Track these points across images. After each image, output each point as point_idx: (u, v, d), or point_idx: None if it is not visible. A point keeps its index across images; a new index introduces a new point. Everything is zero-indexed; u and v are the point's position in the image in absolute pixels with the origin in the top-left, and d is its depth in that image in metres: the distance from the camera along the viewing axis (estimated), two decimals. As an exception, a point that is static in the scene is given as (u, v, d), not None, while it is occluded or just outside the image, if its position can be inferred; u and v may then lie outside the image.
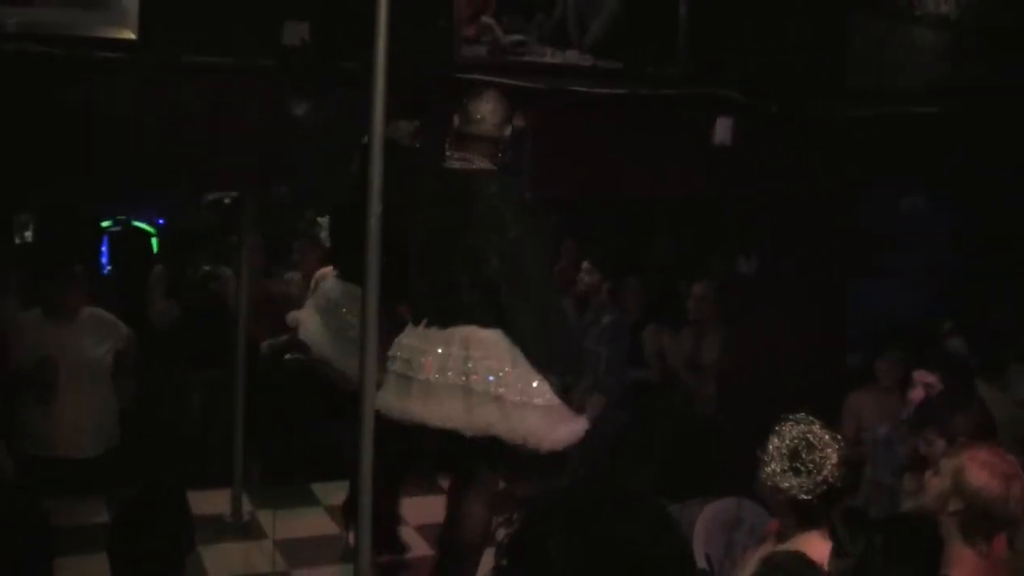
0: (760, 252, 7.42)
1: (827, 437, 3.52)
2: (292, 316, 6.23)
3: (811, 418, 3.61)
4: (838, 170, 7.56)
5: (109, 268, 8.80)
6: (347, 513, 5.70)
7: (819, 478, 3.46)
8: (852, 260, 7.77)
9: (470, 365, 4.79)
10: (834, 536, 3.43)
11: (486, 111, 5.06)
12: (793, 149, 7.48)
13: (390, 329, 4.94)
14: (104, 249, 8.81)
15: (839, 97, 7.80)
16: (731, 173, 7.48)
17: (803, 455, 3.47)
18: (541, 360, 4.88)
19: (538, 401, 4.84)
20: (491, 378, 4.77)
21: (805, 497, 3.46)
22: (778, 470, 3.49)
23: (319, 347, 5.86)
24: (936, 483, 3.63)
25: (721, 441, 7.18)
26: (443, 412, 4.76)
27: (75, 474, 6.17)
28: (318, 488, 6.94)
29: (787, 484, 3.48)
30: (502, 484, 5.62)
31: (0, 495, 5.72)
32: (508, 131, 5.12)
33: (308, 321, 5.94)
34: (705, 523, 5.98)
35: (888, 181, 8.21)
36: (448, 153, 5.07)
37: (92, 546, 4.20)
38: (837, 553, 3.38)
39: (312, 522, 6.55)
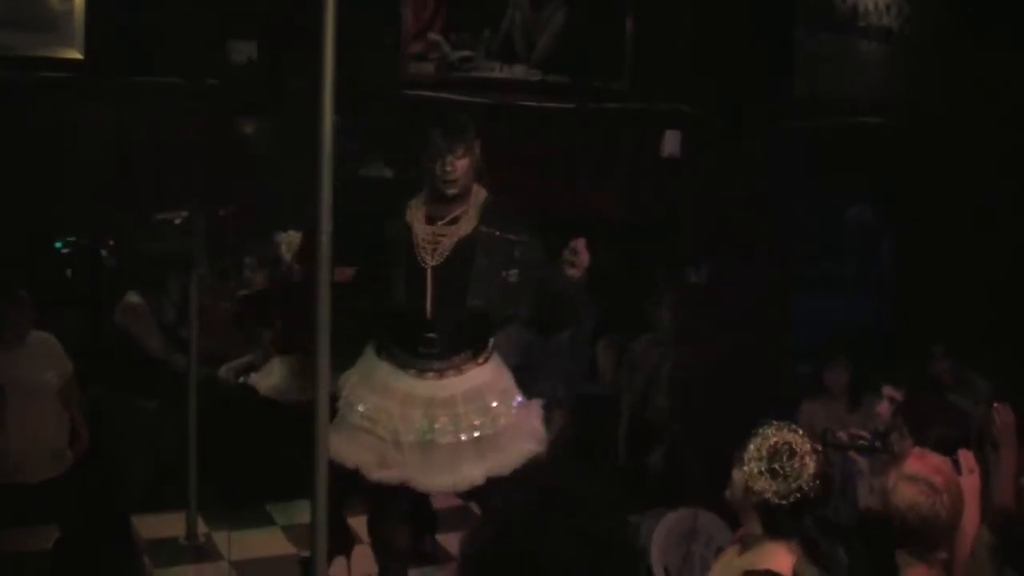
0: (710, 263, 7.46)
1: (808, 446, 3.52)
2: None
3: (793, 425, 3.61)
4: (784, 181, 7.61)
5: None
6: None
7: (794, 485, 3.45)
8: (799, 269, 7.84)
9: (461, 422, 4.82)
10: (807, 545, 3.44)
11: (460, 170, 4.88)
12: (740, 160, 7.54)
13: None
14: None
15: (785, 109, 7.86)
16: (679, 185, 7.52)
17: (783, 459, 3.47)
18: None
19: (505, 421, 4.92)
20: (476, 433, 4.82)
21: (778, 502, 3.46)
22: (755, 471, 3.49)
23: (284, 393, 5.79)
24: (870, 504, 3.67)
25: (677, 451, 7.21)
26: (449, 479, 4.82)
27: (24, 499, 6.09)
28: (273, 508, 6.91)
29: (761, 486, 3.47)
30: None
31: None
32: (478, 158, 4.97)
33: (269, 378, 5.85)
34: (662, 534, 5.99)
35: (834, 191, 8.28)
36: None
37: (41, 572, 4.17)
38: (817, 562, 3.40)
39: (268, 542, 6.52)
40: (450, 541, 6.17)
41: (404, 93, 7.03)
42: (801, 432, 3.59)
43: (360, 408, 4.85)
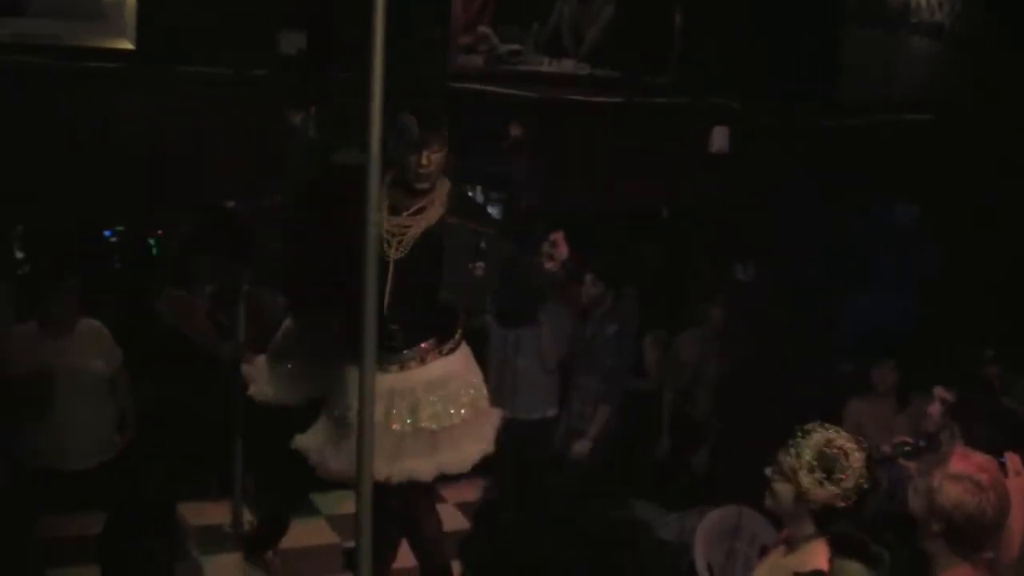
0: (756, 260, 7.42)
1: (852, 443, 3.53)
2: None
3: (825, 424, 3.61)
4: (831, 178, 7.56)
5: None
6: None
7: (854, 483, 3.47)
8: (845, 268, 7.78)
9: (420, 411, 4.74)
10: (856, 544, 3.43)
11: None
12: (786, 157, 7.49)
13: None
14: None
15: (832, 106, 7.80)
16: (726, 181, 7.49)
17: (840, 462, 3.48)
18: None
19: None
20: (434, 425, 4.74)
21: (843, 503, 3.48)
22: (813, 482, 3.49)
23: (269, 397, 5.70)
24: (915, 505, 3.65)
25: (720, 448, 7.18)
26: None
27: (71, 485, 6.14)
28: (317, 497, 6.93)
29: (825, 494, 3.48)
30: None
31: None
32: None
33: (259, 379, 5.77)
34: (706, 531, 5.97)
35: (882, 189, 8.21)
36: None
37: (87, 557, 4.21)
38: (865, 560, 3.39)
39: (312, 531, 6.55)
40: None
41: (452, 85, 7.03)
42: (836, 428, 3.59)
43: (335, 413, 4.79)
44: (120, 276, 8.24)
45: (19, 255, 8.56)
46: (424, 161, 4.67)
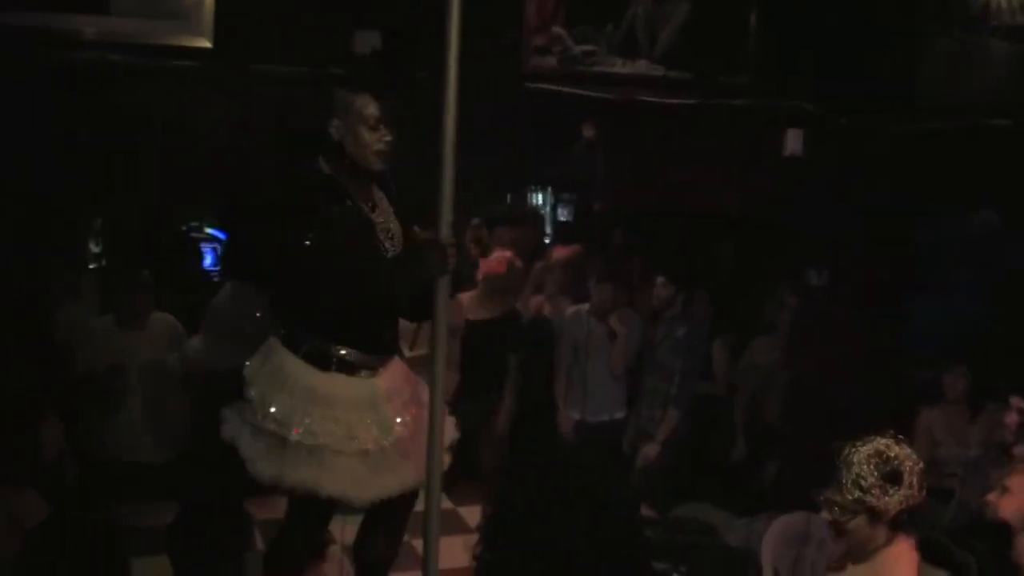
0: (830, 265, 7.35)
1: (903, 447, 3.52)
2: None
3: (856, 441, 3.61)
4: (906, 183, 7.47)
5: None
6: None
7: (918, 477, 3.48)
8: (920, 273, 7.68)
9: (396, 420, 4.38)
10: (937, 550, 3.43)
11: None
12: (862, 161, 7.41)
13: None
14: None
15: (909, 109, 7.71)
16: (801, 184, 7.42)
17: (904, 471, 3.47)
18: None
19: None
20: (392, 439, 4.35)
21: (918, 500, 3.49)
22: (895, 494, 3.49)
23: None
24: (1014, 502, 3.62)
25: (788, 454, 7.12)
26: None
27: (144, 478, 6.22)
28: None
29: (899, 499, 3.48)
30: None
31: (65, 500, 5.80)
32: None
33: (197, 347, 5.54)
34: (773, 538, 5.91)
35: (958, 194, 8.10)
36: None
37: (162, 548, 4.26)
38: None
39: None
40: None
41: (526, 86, 7.04)
42: (866, 439, 3.58)
43: (306, 423, 4.28)
44: (193, 271, 8.34)
45: (96, 249, 8.69)
46: (388, 136, 4.31)
